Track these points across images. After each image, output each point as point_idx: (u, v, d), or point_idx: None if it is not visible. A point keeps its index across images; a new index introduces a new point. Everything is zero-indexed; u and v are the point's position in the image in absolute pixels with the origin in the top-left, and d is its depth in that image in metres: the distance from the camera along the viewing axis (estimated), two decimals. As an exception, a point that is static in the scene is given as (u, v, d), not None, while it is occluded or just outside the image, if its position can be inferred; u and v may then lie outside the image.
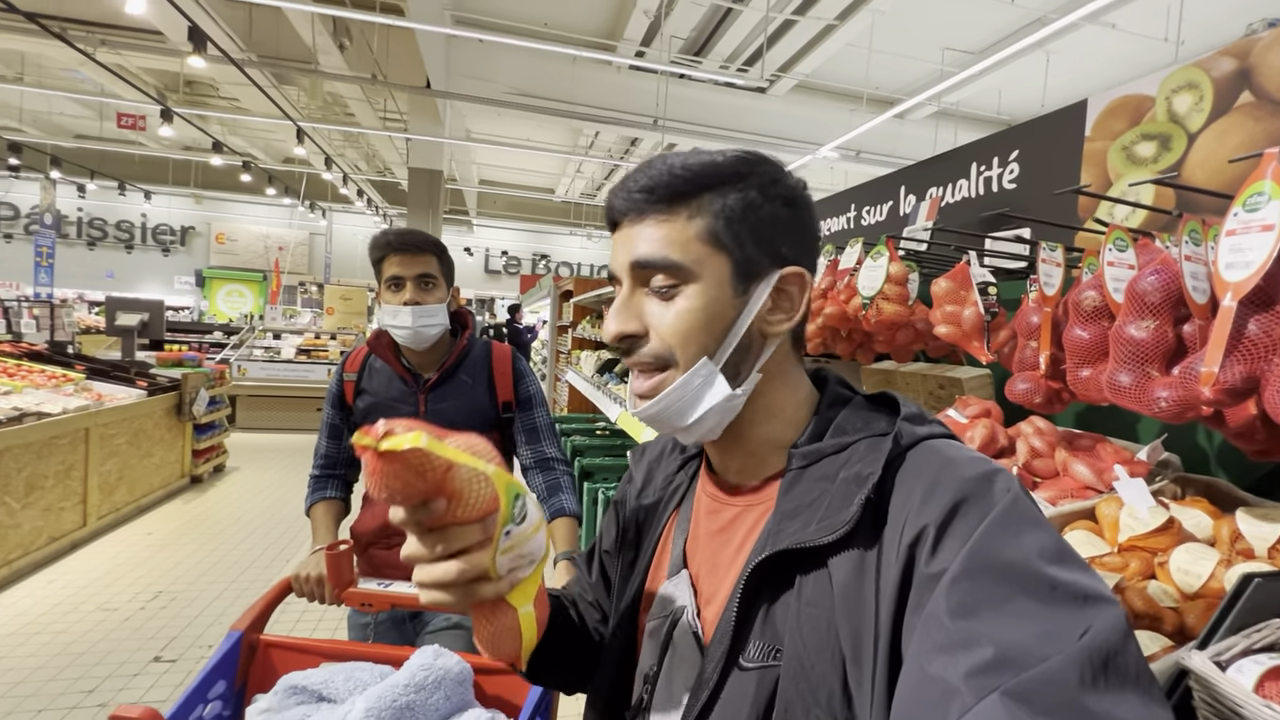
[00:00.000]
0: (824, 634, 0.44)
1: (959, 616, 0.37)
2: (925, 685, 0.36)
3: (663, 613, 0.57)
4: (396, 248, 1.32)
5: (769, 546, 0.47)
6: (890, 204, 2.06)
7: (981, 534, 0.40)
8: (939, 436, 0.49)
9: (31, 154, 10.56)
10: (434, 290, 1.34)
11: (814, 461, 0.50)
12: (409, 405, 1.37)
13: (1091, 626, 0.35)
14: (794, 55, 7.77)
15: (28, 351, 4.34)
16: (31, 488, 3.33)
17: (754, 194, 0.51)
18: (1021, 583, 0.37)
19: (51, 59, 8.42)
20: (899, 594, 0.42)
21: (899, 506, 0.45)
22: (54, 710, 2.23)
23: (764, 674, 0.46)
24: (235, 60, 5.56)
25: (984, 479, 0.43)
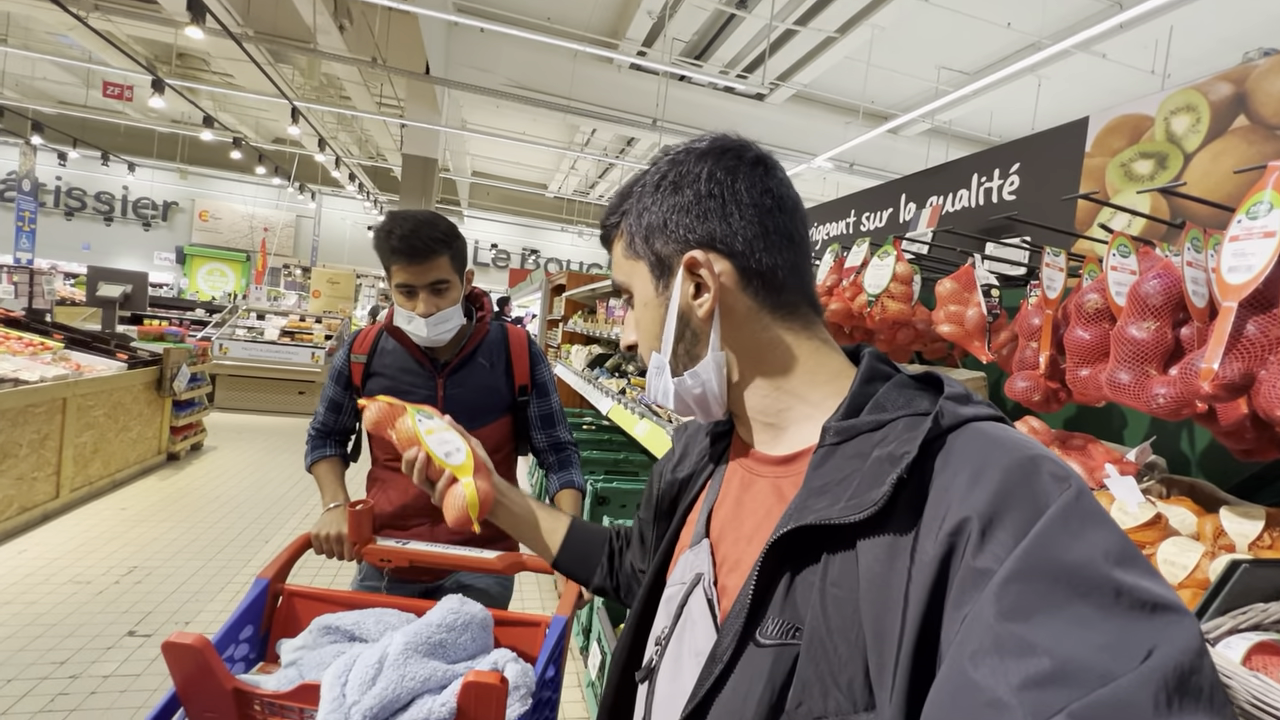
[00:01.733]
0: (849, 617, 0.42)
1: (1010, 620, 0.33)
2: (968, 691, 0.33)
3: (681, 579, 0.58)
4: (404, 254, 1.22)
5: (793, 521, 0.45)
6: (890, 211, 2.11)
7: (1040, 530, 0.36)
8: (987, 419, 0.45)
9: (12, 118, 10.27)
10: (448, 293, 1.29)
11: (848, 438, 0.48)
12: (426, 389, 1.35)
13: (1163, 641, 0.32)
14: (794, 65, 7.87)
15: (4, 318, 4.23)
16: (4, 455, 3.26)
17: (647, 197, 0.56)
18: (1084, 587, 0.34)
19: (39, 21, 8.22)
20: (934, 584, 0.38)
21: (939, 491, 0.41)
22: (24, 680, 2.19)
23: (781, 652, 0.44)
24: (234, 34, 5.48)
25: (1037, 467, 0.40)
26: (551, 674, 0.94)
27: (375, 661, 0.83)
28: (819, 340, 0.55)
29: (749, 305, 0.53)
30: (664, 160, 0.55)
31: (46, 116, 11.32)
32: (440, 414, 0.83)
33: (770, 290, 0.53)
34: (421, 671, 0.84)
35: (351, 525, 1.12)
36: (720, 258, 0.52)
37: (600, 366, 3.82)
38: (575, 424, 4.26)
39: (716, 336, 0.53)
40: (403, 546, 1.13)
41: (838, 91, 8.71)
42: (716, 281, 0.52)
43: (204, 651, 0.81)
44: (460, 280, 1.33)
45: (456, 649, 0.91)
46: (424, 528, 1.36)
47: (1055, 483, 0.39)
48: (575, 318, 5.16)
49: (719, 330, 0.53)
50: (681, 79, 8.69)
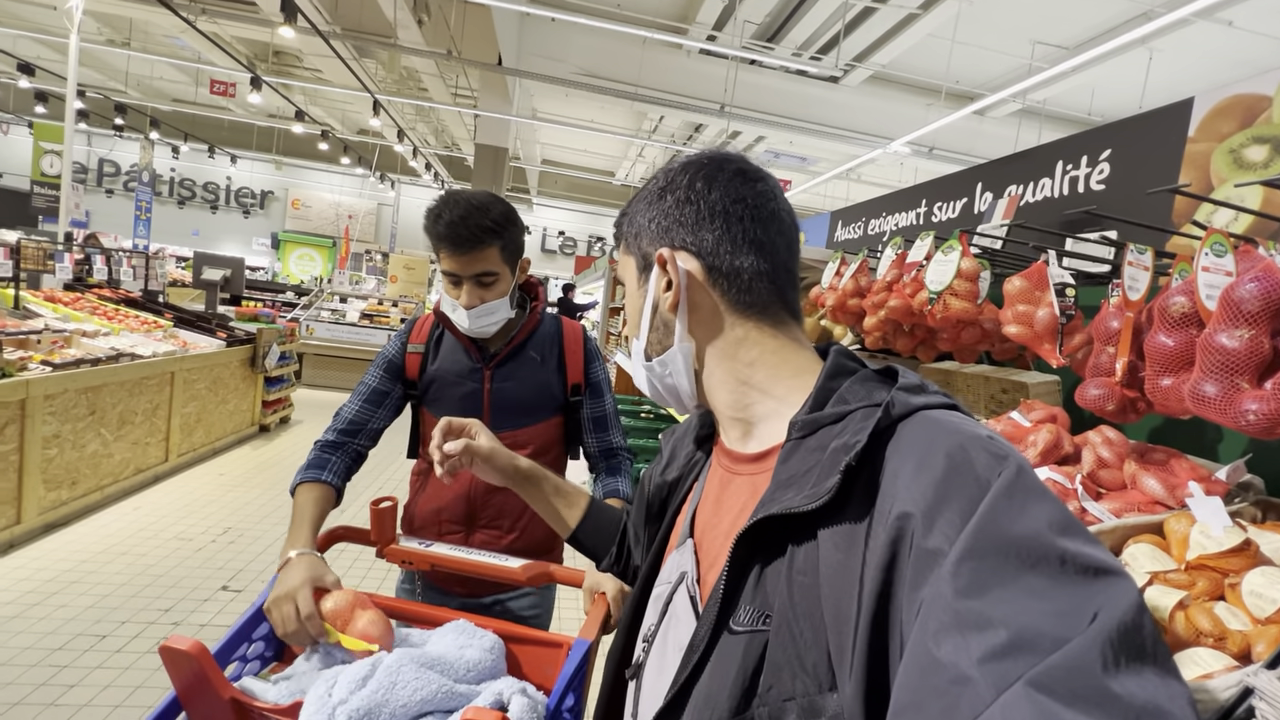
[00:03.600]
0: (814, 602, 0.44)
1: (967, 596, 0.35)
2: (933, 669, 0.34)
3: (668, 579, 0.60)
4: (450, 242, 1.14)
5: (760, 512, 0.48)
6: (965, 201, 1.99)
7: (986, 508, 0.38)
8: (938, 407, 0.47)
9: (134, 115, 11.30)
10: (495, 285, 1.19)
11: (811, 432, 0.50)
12: (473, 381, 1.28)
13: (1105, 603, 0.33)
14: (871, 44, 7.51)
15: (125, 298, 4.70)
16: (123, 422, 3.63)
17: (640, 205, 0.62)
18: (1032, 558, 0.35)
19: (156, 25, 8.97)
20: (886, 566, 0.40)
21: (890, 477, 0.43)
22: (134, 623, 2.46)
23: (753, 638, 0.46)
24: (321, 32, 5.79)
25: (978, 447, 0.41)
26: (571, 703, 0.86)
27: (369, 665, 0.80)
28: (787, 339, 0.57)
29: (714, 303, 0.57)
30: (662, 172, 0.61)
31: (163, 113, 12.40)
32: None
33: (736, 290, 0.57)
34: (415, 681, 0.79)
35: (374, 523, 1.09)
36: (689, 257, 0.57)
37: (659, 356, 3.84)
38: (634, 411, 4.30)
39: (682, 328, 0.58)
40: (425, 549, 1.08)
41: (918, 71, 8.25)
42: (680, 277, 0.57)
43: (200, 659, 0.77)
44: (512, 271, 1.23)
45: (458, 666, 0.85)
46: (459, 535, 1.28)
47: (996, 461, 0.40)
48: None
49: (684, 322, 0.58)
50: (752, 63, 8.47)
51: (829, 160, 11.33)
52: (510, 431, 1.25)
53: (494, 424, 1.24)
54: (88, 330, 3.76)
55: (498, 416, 1.27)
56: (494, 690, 0.83)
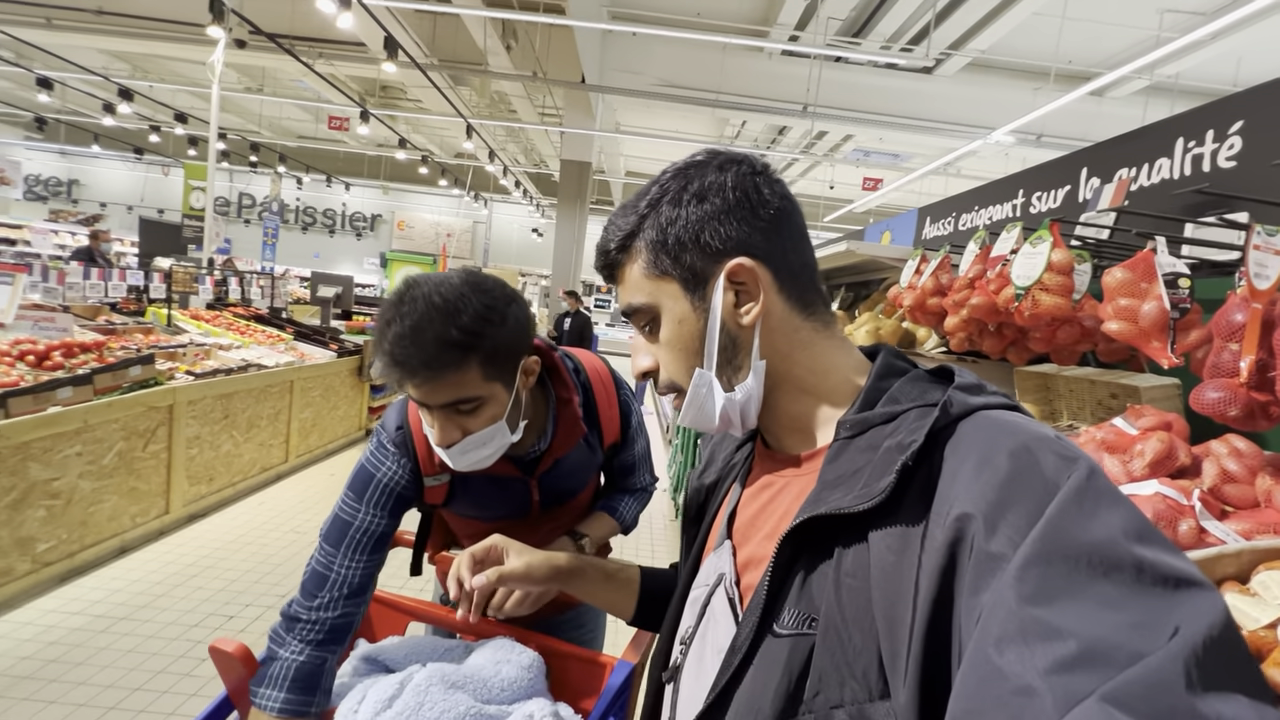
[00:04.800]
0: (863, 606, 0.42)
1: (1033, 604, 0.33)
2: (994, 678, 0.32)
3: (706, 581, 0.58)
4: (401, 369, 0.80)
5: (806, 512, 0.46)
6: (1067, 189, 1.81)
7: (1055, 512, 0.35)
8: (998, 407, 0.45)
9: (265, 152, 12.69)
10: (480, 412, 0.85)
11: (861, 432, 0.48)
12: (519, 496, 1.06)
13: (1188, 616, 0.31)
14: (968, 30, 7.04)
15: (254, 315, 5.25)
16: (250, 425, 4.05)
17: (665, 213, 0.54)
18: (1105, 567, 0.33)
19: (283, 71, 10.02)
20: (944, 570, 0.38)
21: (948, 478, 0.41)
22: (257, 606, 2.72)
23: (798, 642, 0.45)
24: (419, 64, 6.24)
25: (1044, 448, 0.39)
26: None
27: (396, 683, 0.79)
28: (839, 339, 0.56)
29: (783, 308, 0.54)
30: (669, 178, 0.55)
31: (289, 149, 13.83)
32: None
33: (799, 290, 0.54)
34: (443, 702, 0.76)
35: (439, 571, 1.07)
36: (757, 262, 0.52)
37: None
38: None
39: (759, 344, 0.53)
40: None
41: (1023, 54, 7.65)
42: (757, 289, 0.52)
43: (243, 661, 0.79)
44: (508, 387, 0.88)
45: (488, 687, 0.83)
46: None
47: (1064, 463, 0.38)
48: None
49: (759, 336, 0.53)
50: (837, 60, 8.20)
51: (924, 155, 10.73)
52: (557, 509, 1.14)
53: (543, 509, 1.12)
54: (223, 344, 4.24)
55: (546, 505, 1.12)
56: (525, 712, 0.80)
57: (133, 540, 3.11)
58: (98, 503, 2.87)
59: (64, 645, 2.30)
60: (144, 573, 2.92)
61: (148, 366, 3.14)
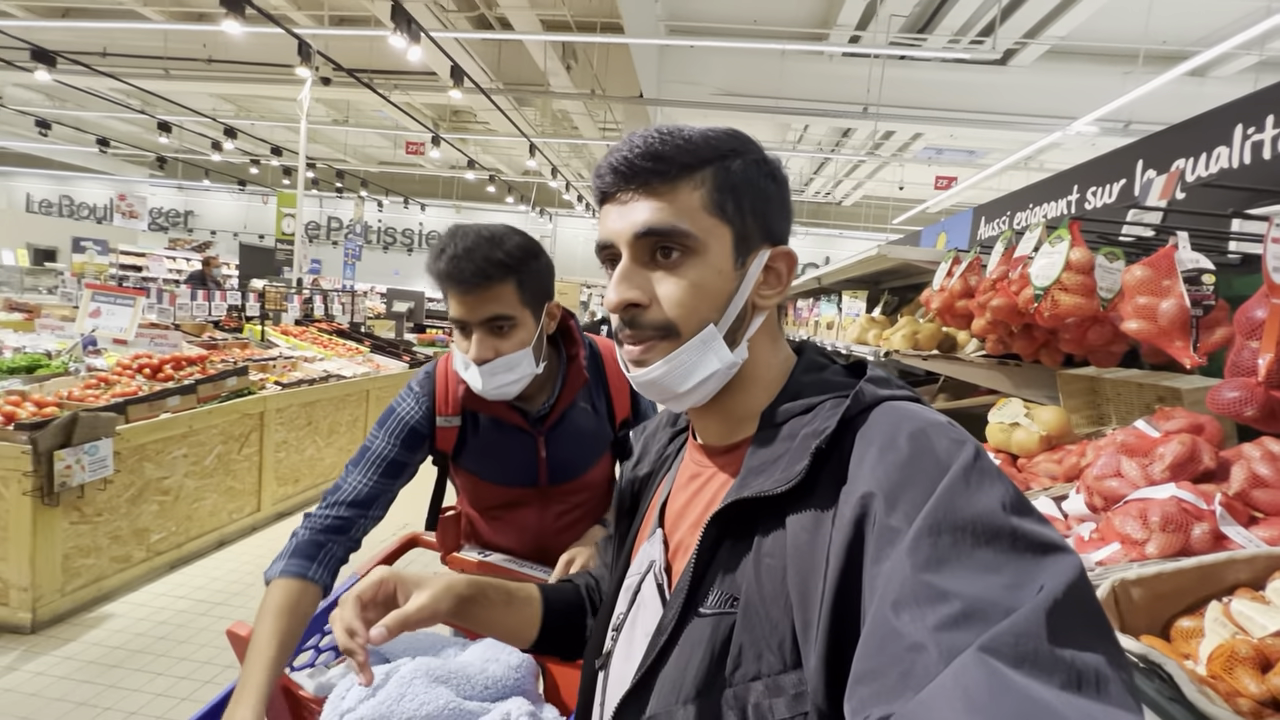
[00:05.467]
0: (779, 584, 0.45)
1: (924, 570, 0.36)
2: (891, 638, 0.36)
3: (638, 570, 0.60)
4: (452, 280, 0.95)
5: (730, 496, 0.49)
6: (1123, 183, 1.72)
7: (945, 488, 0.39)
8: (903, 399, 0.49)
9: (350, 178, 13.67)
10: (512, 334, 0.98)
11: (782, 422, 0.51)
12: (524, 449, 1.14)
13: (1051, 575, 0.35)
14: (1046, 16, 6.67)
15: (336, 329, 5.68)
16: (331, 432, 4.38)
17: (751, 169, 0.53)
18: (986, 535, 0.37)
19: (365, 103, 10.80)
20: (851, 544, 0.41)
21: (856, 462, 0.45)
22: (332, 599, 2.95)
23: (720, 620, 0.48)
24: (484, 90, 6.57)
25: (939, 433, 0.44)
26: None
27: (383, 674, 0.82)
28: (783, 335, 0.60)
29: (774, 312, 0.57)
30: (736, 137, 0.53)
31: (371, 174, 14.82)
32: None
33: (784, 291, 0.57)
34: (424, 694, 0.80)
35: (439, 532, 1.13)
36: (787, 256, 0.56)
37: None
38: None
39: (755, 327, 0.55)
40: (482, 558, 1.11)
41: (1108, 37, 7.16)
42: (790, 277, 0.56)
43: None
44: (535, 317, 1.02)
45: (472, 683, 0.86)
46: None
47: (955, 446, 0.42)
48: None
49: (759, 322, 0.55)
50: (902, 58, 7.96)
51: (1001, 150, 10.19)
52: (568, 483, 1.20)
53: (551, 480, 1.18)
54: (308, 356, 4.61)
55: (555, 475, 1.18)
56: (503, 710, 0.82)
57: (230, 534, 3.44)
58: (200, 499, 3.21)
59: (170, 625, 2.59)
60: (238, 564, 3.22)
61: (242, 377, 3.48)
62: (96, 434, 2.49)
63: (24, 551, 2.36)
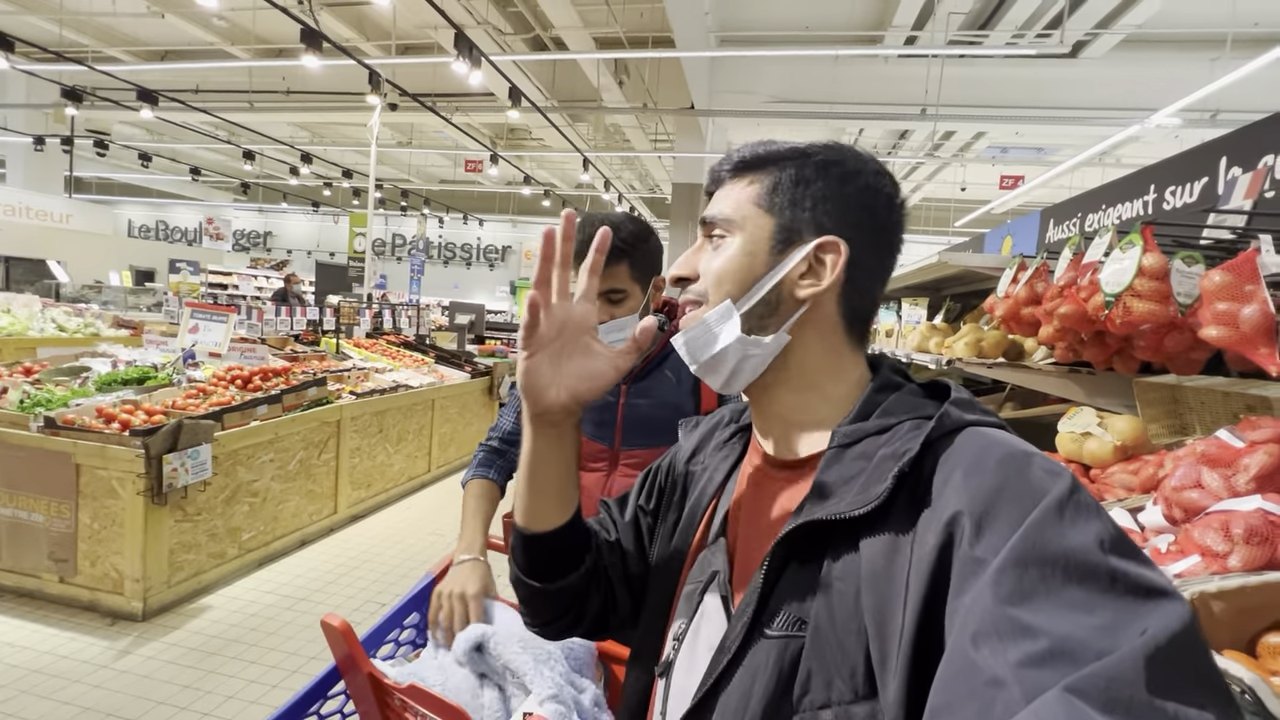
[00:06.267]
0: (852, 609, 0.44)
1: (1008, 604, 0.35)
2: (969, 672, 0.34)
3: (699, 577, 0.59)
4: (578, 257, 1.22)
5: (801, 517, 0.48)
6: (1205, 181, 1.64)
7: (1035, 520, 0.37)
8: (990, 425, 0.47)
9: (413, 197, 14.34)
10: (624, 302, 1.22)
11: (856, 441, 0.50)
12: (609, 396, 1.30)
13: (1155, 621, 0.32)
14: (1119, 5, 6.34)
15: (403, 341, 5.97)
16: (400, 439, 4.60)
17: (809, 170, 0.55)
18: (1079, 573, 0.35)
19: (427, 125, 11.32)
20: (934, 573, 0.40)
21: (939, 487, 0.43)
22: (403, 598, 3.10)
23: (787, 643, 0.47)
24: (540, 108, 6.79)
25: (1030, 462, 0.41)
26: None
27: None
28: (861, 354, 0.58)
29: (833, 315, 0.55)
30: (826, 148, 0.57)
31: (433, 193, 15.50)
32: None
33: (856, 316, 0.56)
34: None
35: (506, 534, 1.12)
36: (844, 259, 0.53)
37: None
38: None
39: (796, 321, 0.54)
40: None
41: (1189, 23, 6.73)
42: (835, 277, 0.53)
43: (346, 636, 0.89)
44: (643, 289, 1.26)
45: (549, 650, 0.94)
46: None
47: (1048, 476, 0.40)
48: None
49: (801, 315, 0.54)
50: (960, 56, 7.72)
51: (1073, 147, 9.69)
52: (639, 450, 1.28)
53: (625, 441, 1.28)
54: (379, 368, 4.87)
55: (629, 434, 1.29)
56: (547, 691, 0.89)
57: (310, 535, 3.67)
58: (284, 501, 3.44)
59: (260, 618, 2.79)
60: (318, 562, 3.43)
61: (321, 388, 3.72)
62: (198, 440, 2.73)
63: (137, 546, 2.60)
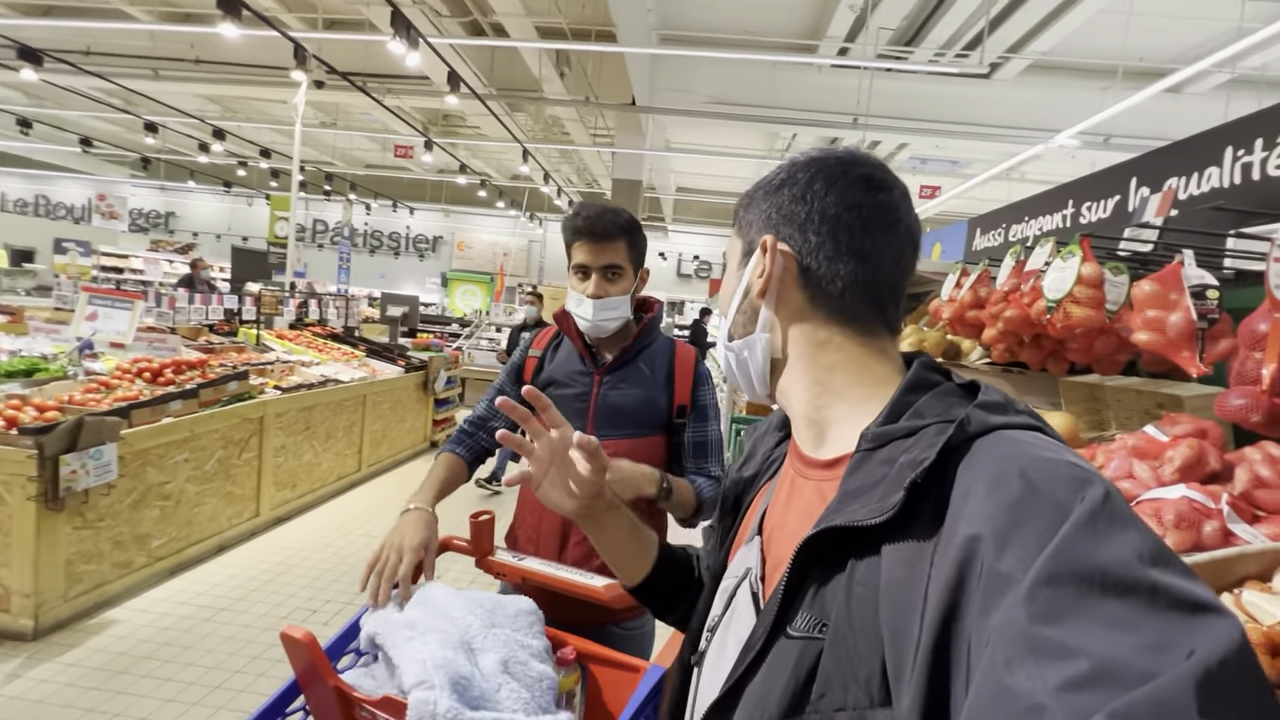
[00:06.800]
0: (871, 616, 0.43)
1: (1043, 623, 0.32)
2: (1005, 697, 0.32)
3: (735, 573, 0.61)
4: (585, 234, 1.27)
5: (823, 523, 0.48)
6: (1117, 199, 1.81)
7: (1067, 533, 0.35)
8: (1020, 427, 0.45)
9: (338, 181, 13.58)
10: (620, 280, 1.29)
11: (882, 444, 0.49)
12: (583, 385, 1.34)
13: (1204, 640, 0.30)
14: (1028, 32, 6.86)
15: (330, 333, 5.65)
16: (329, 437, 4.36)
17: (759, 193, 0.62)
18: (1118, 588, 0.32)
19: (354, 106, 10.74)
20: (954, 588, 0.38)
21: (960, 496, 0.41)
22: (335, 603, 2.95)
23: (808, 645, 0.47)
24: (479, 95, 6.59)
25: (1061, 471, 0.39)
26: None
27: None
28: (873, 348, 0.57)
29: (802, 302, 0.58)
30: (788, 163, 0.61)
31: (359, 177, 14.73)
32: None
33: (826, 295, 0.56)
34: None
35: (473, 535, 1.15)
36: (789, 252, 0.57)
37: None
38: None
39: (766, 317, 0.59)
40: (518, 563, 1.13)
41: (1088, 53, 7.37)
42: (774, 268, 0.57)
43: (309, 648, 0.85)
44: (634, 274, 1.33)
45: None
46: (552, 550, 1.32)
47: (1078, 485, 0.38)
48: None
49: (769, 312, 0.59)
50: (889, 70, 8.12)
51: (984, 161, 10.42)
52: (611, 440, 1.27)
53: (597, 431, 1.29)
54: (305, 361, 4.60)
55: (602, 424, 1.31)
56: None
57: (230, 539, 3.42)
58: (201, 504, 3.19)
59: (174, 631, 2.58)
60: (239, 569, 3.20)
61: (243, 382, 3.47)
62: (101, 438, 2.48)
63: (27, 557, 2.34)
